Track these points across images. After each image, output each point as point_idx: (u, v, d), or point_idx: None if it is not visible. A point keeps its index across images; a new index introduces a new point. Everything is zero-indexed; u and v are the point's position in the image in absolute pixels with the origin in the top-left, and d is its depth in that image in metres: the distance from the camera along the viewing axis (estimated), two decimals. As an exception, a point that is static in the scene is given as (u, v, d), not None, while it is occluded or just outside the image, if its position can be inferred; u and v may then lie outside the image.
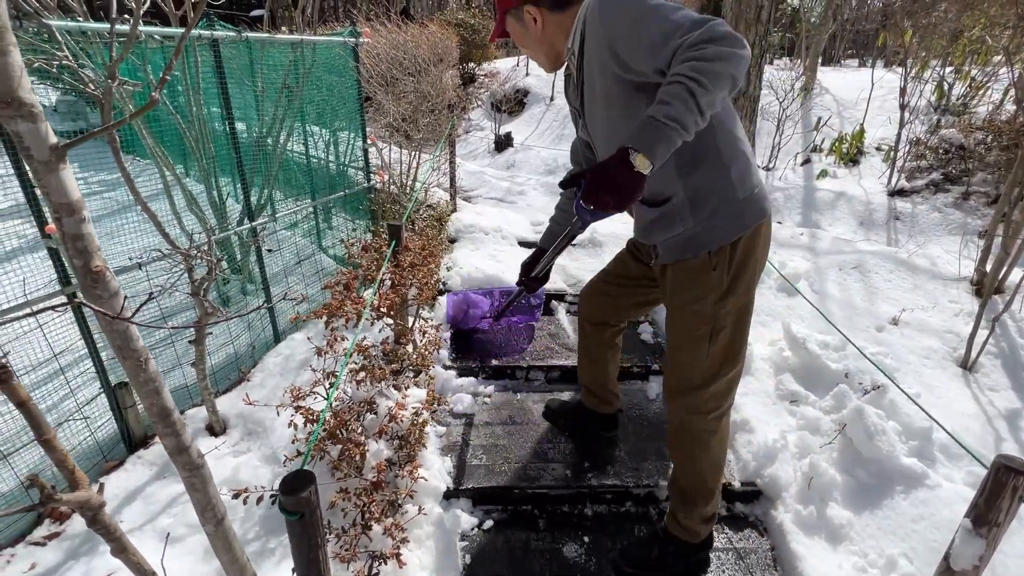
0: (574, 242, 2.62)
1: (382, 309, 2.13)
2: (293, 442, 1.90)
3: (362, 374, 2.04)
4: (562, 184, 1.35)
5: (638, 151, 1.16)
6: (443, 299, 2.99)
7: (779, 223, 4.68)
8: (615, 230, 4.00)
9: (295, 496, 1.16)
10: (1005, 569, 1.72)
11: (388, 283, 2.28)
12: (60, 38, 1.59)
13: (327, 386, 1.97)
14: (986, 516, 1.37)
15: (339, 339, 2.11)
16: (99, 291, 0.90)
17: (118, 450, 2.32)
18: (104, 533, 0.99)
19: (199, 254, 2.00)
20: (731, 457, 2.25)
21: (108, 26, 1.35)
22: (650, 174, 1.19)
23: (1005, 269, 3.01)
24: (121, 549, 1.02)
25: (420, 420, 2.04)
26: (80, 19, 2.88)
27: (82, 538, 1.99)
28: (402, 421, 1.98)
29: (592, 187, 1.24)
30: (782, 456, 2.12)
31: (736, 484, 2.12)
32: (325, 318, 2.09)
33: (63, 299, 1.92)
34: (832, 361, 2.47)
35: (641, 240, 1.68)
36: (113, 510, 2.09)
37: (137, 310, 0.83)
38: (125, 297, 0.99)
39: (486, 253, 3.53)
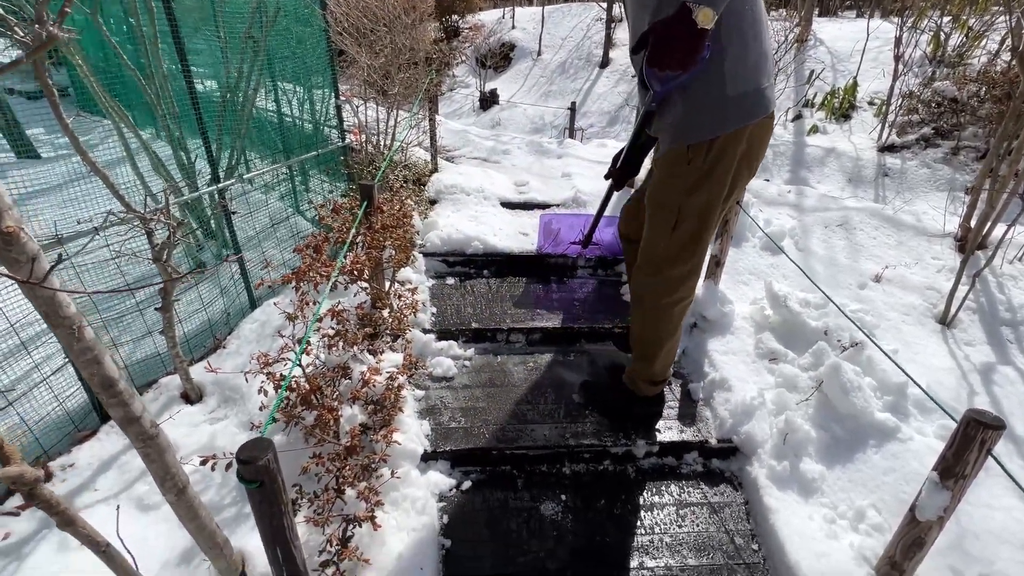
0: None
1: (354, 272, 2.07)
2: (261, 409, 1.86)
3: (335, 339, 1.99)
4: (633, 50, 1.40)
5: (700, 4, 1.14)
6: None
7: (767, 180, 4.61)
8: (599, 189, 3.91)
9: (252, 465, 1.12)
10: (970, 519, 1.76)
11: (360, 245, 2.20)
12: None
13: (297, 351, 1.92)
14: (953, 469, 1.38)
15: (309, 304, 2.06)
16: (13, 254, 0.83)
17: (91, 419, 2.28)
18: (46, 508, 0.96)
19: (157, 218, 1.91)
20: (708, 415, 2.26)
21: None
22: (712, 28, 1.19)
23: (989, 224, 2.98)
24: (68, 522, 0.99)
25: (395, 385, 2.01)
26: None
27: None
28: (376, 386, 1.95)
29: (656, 47, 1.24)
30: (759, 414, 2.13)
31: (713, 441, 2.14)
32: (294, 283, 2.02)
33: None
34: (812, 319, 2.46)
35: (651, 134, 1.71)
36: (87, 480, 2.07)
37: (49, 271, 0.77)
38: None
39: (467, 214, 3.44)
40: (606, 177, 2.03)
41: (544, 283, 3.04)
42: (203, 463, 1.61)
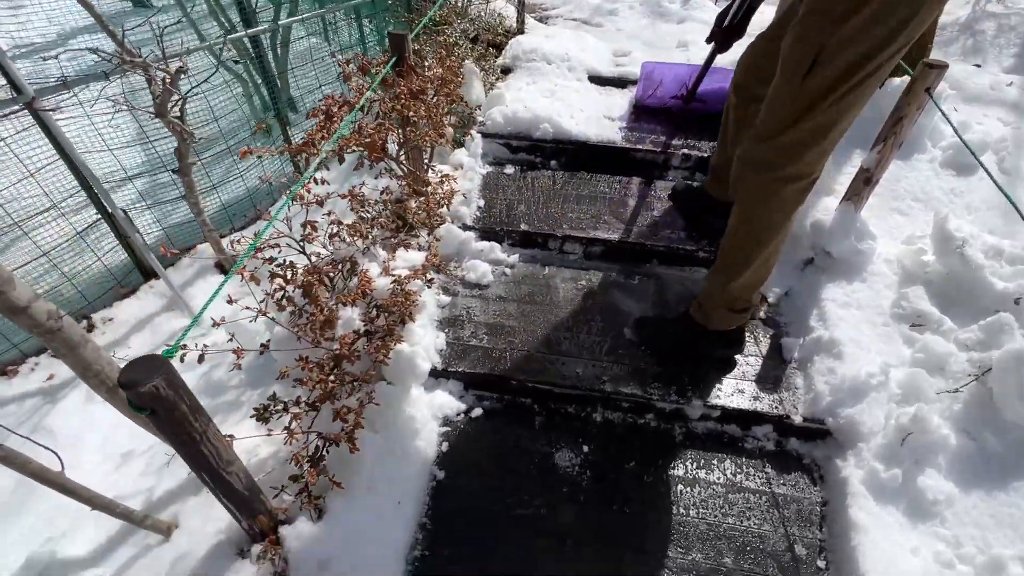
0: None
1: (355, 147, 1.68)
2: (272, 295, 1.64)
3: (338, 227, 1.69)
4: None
5: None
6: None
7: (977, 65, 3.28)
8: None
9: (135, 390, 0.88)
10: None
11: (379, 113, 1.79)
12: None
13: (296, 237, 1.66)
14: None
15: (319, 182, 1.74)
16: None
17: (133, 278, 2.30)
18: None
19: (155, 64, 1.63)
20: (799, 383, 1.72)
21: None
22: None
23: None
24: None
25: (407, 288, 1.70)
26: None
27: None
28: (383, 289, 1.66)
29: None
30: (875, 396, 1.55)
31: (797, 418, 1.63)
32: (303, 155, 1.70)
33: (18, 106, 1.68)
34: (1001, 278, 1.69)
35: None
36: (122, 336, 2.13)
37: None
38: None
39: (543, 88, 2.81)
40: (708, 40, 1.78)
41: (622, 183, 2.44)
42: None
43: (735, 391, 1.71)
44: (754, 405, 1.68)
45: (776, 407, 1.67)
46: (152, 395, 0.88)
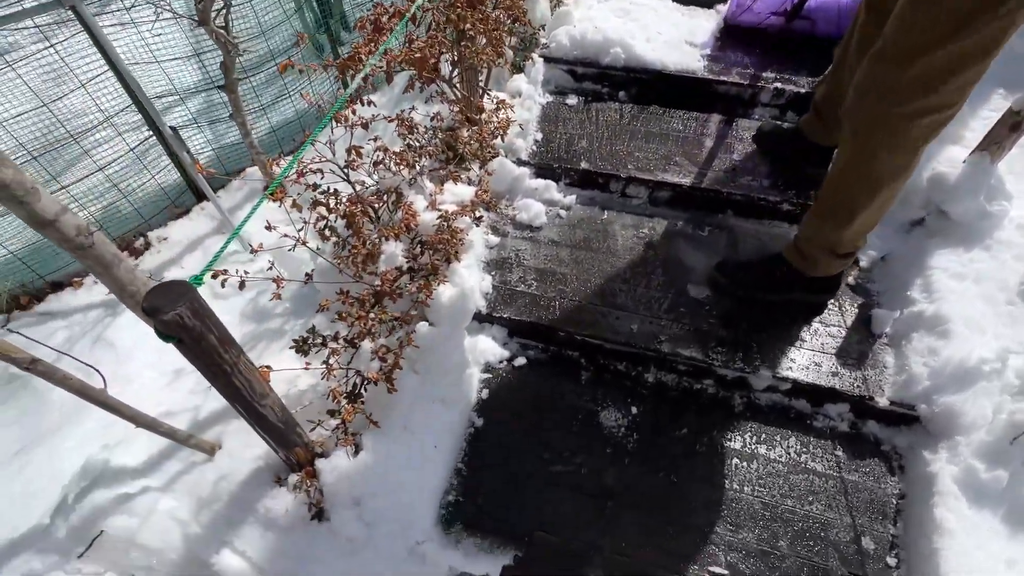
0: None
1: (399, 66, 1.51)
2: (316, 223, 1.57)
3: (384, 155, 1.56)
4: None
5: None
6: (539, 64, 2.22)
7: None
8: None
9: (159, 318, 0.82)
10: None
11: (431, 25, 1.60)
12: None
13: (341, 164, 1.55)
14: None
15: (366, 103, 1.61)
16: None
17: (187, 198, 2.30)
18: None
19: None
20: (889, 360, 1.51)
21: None
22: None
23: None
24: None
25: (453, 225, 1.58)
26: None
27: (149, 273, 2.10)
28: (429, 224, 1.55)
29: None
30: (985, 386, 1.33)
31: (882, 400, 1.44)
32: (348, 72, 1.55)
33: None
34: None
35: None
36: (176, 256, 2.15)
37: None
38: None
39: (616, 6, 2.48)
40: None
41: (699, 121, 2.16)
42: (214, 277, 1.43)
43: (810, 364, 1.52)
44: (832, 381, 1.49)
45: (858, 386, 1.47)
46: (177, 323, 0.82)
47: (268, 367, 1.29)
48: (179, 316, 0.82)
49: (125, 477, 1.35)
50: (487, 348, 1.67)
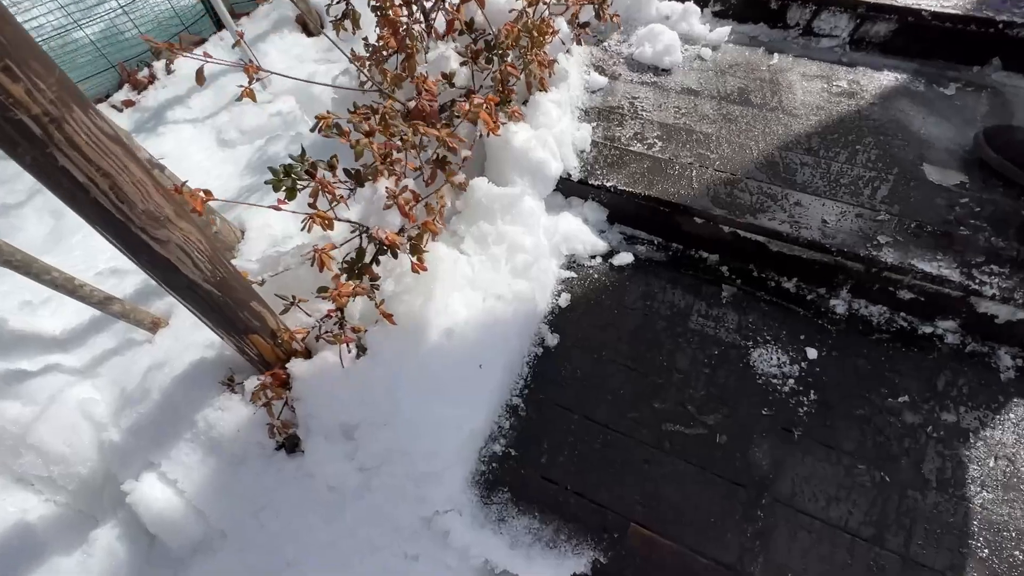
0: None
1: None
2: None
3: None
4: None
5: None
6: None
7: None
8: None
9: None
10: None
11: None
12: None
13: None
14: None
15: None
16: None
17: (203, 26, 1.82)
18: None
19: None
20: None
21: None
22: None
23: None
24: None
25: (539, 20, 0.96)
26: None
27: (152, 112, 1.67)
28: (490, 7, 0.94)
29: None
30: None
31: None
32: None
33: None
34: None
35: None
36: (183, 94, 1.70)
37: None
38: None
39: None
40: None
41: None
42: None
43: None
44: None
45: None
46: None
47: (207, 191, 0.79)
48: None
49: (32, 346, 0.93)
50: (574, 233, 1.08)
